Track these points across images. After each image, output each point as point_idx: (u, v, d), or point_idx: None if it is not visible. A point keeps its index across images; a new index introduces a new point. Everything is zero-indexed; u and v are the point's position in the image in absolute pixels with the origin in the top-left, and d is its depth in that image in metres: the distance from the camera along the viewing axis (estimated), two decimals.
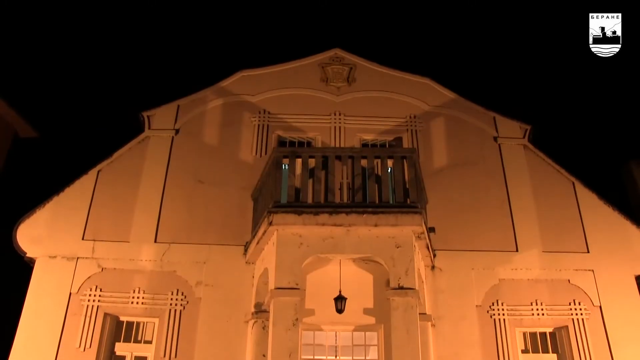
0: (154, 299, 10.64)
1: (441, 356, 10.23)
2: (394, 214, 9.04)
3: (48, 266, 10.86)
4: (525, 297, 10.92)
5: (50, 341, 10.20)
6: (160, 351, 10.28)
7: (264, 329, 9.79)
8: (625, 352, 10.44)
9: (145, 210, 11.38)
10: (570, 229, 11.59)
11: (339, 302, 9.61)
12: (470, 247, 11.15)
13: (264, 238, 9.56)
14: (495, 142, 12.54)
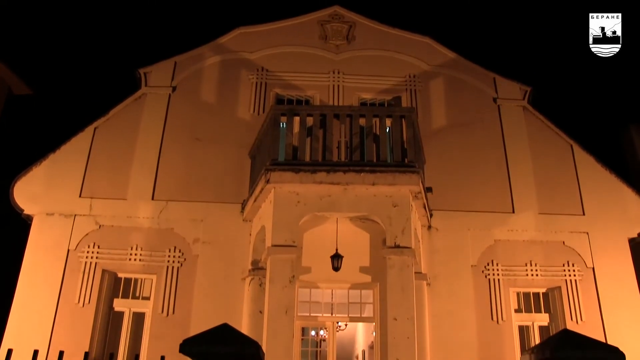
0: (152, 256, 10.70)
1: (436, 314, 10.36)
2: (391, 173, 9.03)
3: (46, 223, 10.87)
4: (520, 258, 11.02)
5: (49, 297, 10.28)
6: (158, 307, 10.38)
7: (260, 286, 9.88)
8: (615, 313, 10.60)
9: (142, 168, 11.35)
10: (566, 191, 11.63)
11: (336, 260, 9.67)
12: (467, 208, 11.20)
13: (261, 196, 9.56)
14: (495, 104, 12.47)
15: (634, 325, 10.44)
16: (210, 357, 4.00)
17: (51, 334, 9.95)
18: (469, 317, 10.47)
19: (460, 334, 10.29)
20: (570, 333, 4.54)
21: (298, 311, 9.87)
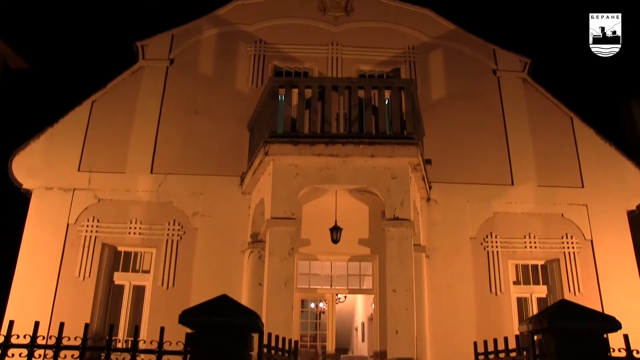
0: (151, 230, 10.72)
1: (434, 286, 10.42)
2: (390, 144, 9.00)
3: (45, 197, 10.87)
4: (519, 230, 11.04)
5: (50, 271, 10.32)
6: (158, 280, 10.43)
7: (260, 258, 9.92)
8: (612, 285, 10.66)
9: (140, 141, 11.31)
10: (566, 163, 11.61)
11: (335, 233, 9.69)
12: (466, 180, 11.19)
13: (260, 168, 9.54)
14: (494, 75, 12.38)
15: (631, 296, 10.50)
16: (209, 328, 4.01)
17: (52, 307, 10.00)
18: (467, 289, 10.52)
19: (459, 305, 10.36)
20: (568, 303, 4.55)
21: (297, 283, 9.91)
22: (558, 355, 4.15)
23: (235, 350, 3.96)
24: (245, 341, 3.99)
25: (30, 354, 4.09)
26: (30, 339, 4.12)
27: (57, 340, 4.15)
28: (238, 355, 3.95)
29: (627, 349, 4.31)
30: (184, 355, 3.98)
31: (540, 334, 4.44)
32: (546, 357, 4.32)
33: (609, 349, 4.22)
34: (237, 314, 4.10)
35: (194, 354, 3.93)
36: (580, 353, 4.15)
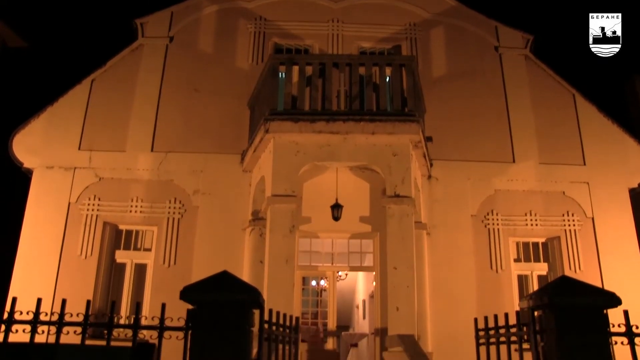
0: (152, 208, 10.73)
1: (435, 263, 10.44)
2: (391, 122, 8.97)
3: (46, 176, 10.88)
4: (520, 207, 11.04)
5: (52, 250, 10.36)
6: (159, 258, 10.47)
7: (261, 236, 9.93)
8: (613, 262, 10.68)
9: (141, 120, 11.28)
10: (568, 141, 11.56)
11: (336, 210, 9.69)
12: (467, 158, 11.16)
13: (260, 146, 9.52)
14: (496, 52, 12.28)
15: (631, 273, 10.52)
16: (210, 304, 4.03)
17: (55, 285, 10.05)
18: (468, 267, 10.55)
19: (460, 282, 10.39)
20: (568, 279, 4.55)
21: (298, 261, 9.95)
22: (558, 331, 4.16)
23: (236, 326, 3.97)
24: (246, 317, 4.01)
25: (33, 330, 4.10)
26: (33, 316, 4.13)
27: (59, 317, 4.17)
28: (239, 331, 3.97)
29: (627, 324, 4.32)
30: (185, 331, 4.00)
31: (541, 309, 4.45)
32: (546, 333, 4.33)
33: (609, 325, 4.24)
34: (238, 290, 4.11)
35: (195, 329, 3.95)
36: (580, 328, 4.16)
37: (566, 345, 4.06)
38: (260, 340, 4.48)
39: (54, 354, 3.38)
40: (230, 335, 3.94)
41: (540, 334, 4.39)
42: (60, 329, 4.14)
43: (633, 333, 4.28)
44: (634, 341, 4.27)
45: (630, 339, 4.27)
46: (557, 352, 4.10)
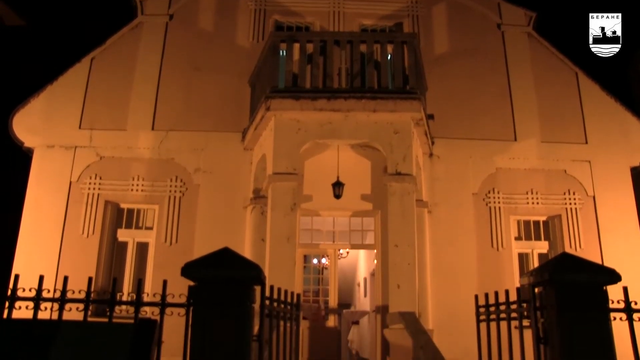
0: (153, 186, 10.74)
1: (436, 241, 10.47)
2: (392, 99, 8.93)
3: (46, 156, 10.88)
4: (521, 186, 11.04)
5: (54, 229, 10.40)
6: (161, 236, 10.50)
7: (262, 214, 9.95)
8: (613, 241, 10.71)
9: (141, 98, 11.24)
10: (570, 119, 11.52)
11: (337, 188, 9.68)
12: (469, 136, 11.13)
13: (261, 124, 9.49)
14: (499, 30, 12.17)
15: (631, 251, 10.55)
16: (211, 280, 4.04)
17: (58, 264, 10.08)
18: (469, 245, 10.58)
19: (461, 260, 10.43)
20: (569, 256, 4.56)
21: (300, 239, 9.96)
22: (558, 307, 4.17)
23: (237, 302, 3.99)
24: (247, 293, 4.02)
25: (36, 306, 4.12)
26: (36, 292, 4.15)
27: (61, 294, 4.18)
28: (240, 307, 3.99)
29: (626, 300, 4.34)
30: (187, 308, 4.01)
31: (541, 286, 4.46)
32: (546, 309, 4.35)
33: (608, 301, 4.25)
34: (239, 266, 4.12)
35: (196, 306, 3.97)
36: (580, 305, 4.18)
37: (566, 321, 4.09)
38: (262, 316, 4.50)
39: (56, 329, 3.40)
40: (231, 312, 3.96)
41: (541, 310, 4.41)
42: (62, 305, 4.15)
43: (632, 309, 4.30)
44: (632, 317, 4.30)
45: (628, 315, 4.29)
46: (557, 328, 4.12)
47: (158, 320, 3.90)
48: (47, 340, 3.29)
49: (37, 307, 4.14)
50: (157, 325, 3.63)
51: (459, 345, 7.66)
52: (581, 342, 4.03)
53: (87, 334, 3.49)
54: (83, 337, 3.40)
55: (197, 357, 3.83)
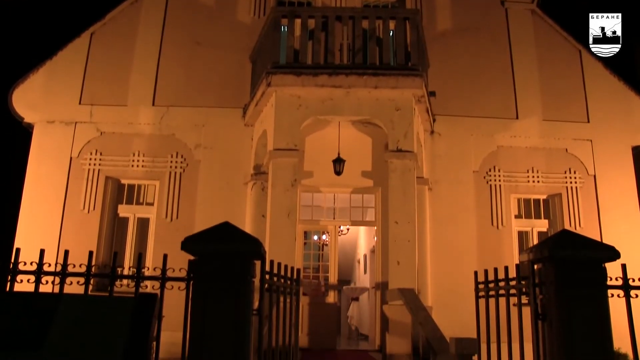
0: (154, 162, 10.74)
1: (437, 219, 10.49)
2: (394, 76, 8.88)
3: (47, 131, 10.86)
4: (522, 164, 11.02)
5: (55, 205, 10.42)
6: (162, 212, 10.52)
7: (263, 190, 9.96)
8: (613, 220, 10.73)
9: (141, 73, 11.17)
10: (572, 98, 11.46)
11: (338, 165, 9.69)
12: (470, 113, 11.08)
13: (262, 100, 9.46)
14: (502, 7, 12.02)
15: (630, 230, 10.58)
16: (211, 254, 4.05)
17: (59, 240, 10.11)
18: (469, 222, 10.60)
19: (461, 238, 10.46)
20: (569, 233, 4.56)
21: (300, 215, 10.01)
22: (557, 283, 4.19)
23: (237, 276, 4.00)
24: (247, 267, 4.03)
25: (37, 280, 4.14)
26: (37, 266, 4.17)
27: (62, 267, 4.20)
28: (240, 282, 4.00)
29: (624, 277, 4.36)
30: (187, 282, 4.03)
31: (541, 262, 4.48)
32: (545, 285, 4.36)
33: (607, 278, 4.27)
34: (239, 241, 4.13)
35: (196, 280, 3.98)
36: (579, 281, 4.20)
37: (565, 298, 4.11)
38: (262, 291, 4.52)
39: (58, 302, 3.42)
40: (231, 286, 3.97)
41: (539, 286, 4.43)
42: (63, 279, 4.18)
43: (629, 286, 4.33)
44: (630, 294, 4.32)
45: (626, 292, 4.32)
46: (556, 304, 4.14)
47: (158, 294, 3.92)
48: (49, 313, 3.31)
49: (38, 281, 4.17)
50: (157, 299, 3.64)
51: (458, 322, 7.70)
52: (579, 318, 4.05)
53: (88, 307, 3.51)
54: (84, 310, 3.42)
55: (197, 330, 3.86)
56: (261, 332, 4.43)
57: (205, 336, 3.83)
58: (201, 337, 3.83)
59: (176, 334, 3.96)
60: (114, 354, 3.06)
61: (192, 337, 3.85)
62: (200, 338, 3.83)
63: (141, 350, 3.12)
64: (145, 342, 3.18)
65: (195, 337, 3.85)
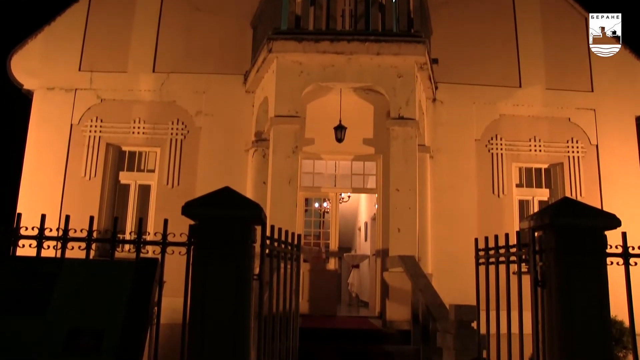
0: (155, 129, 10.70)
1: (438, 187, 10.50)
2: (397, 42, 8.80)
3: (47, 98, 10.81)
4: (524, 133, 10.98)
5: (56, 171, 10.44)
6: (163, 179, 10.53)
7: (264, 157, 9.95)
8: (613, 189, 10.75)
9: (141, 40, 11.07)
10: (576, 66, 11.35)
11: (339, 132, 9.65)
12: (473, 81, 11.00)
13: (263, 66, 9.40)
14: None
15: (631, 200, 10.58)
16: (211, 219, 4.03)
17: (61, 207, 10.16)
18: (470, 190, 10.61)
19: (461, 206, 10.48)
20: (570, 201, 4.54)
21: (301, 182, 10.01)
22: (557, 251, 4.18)
23: (238, 241, 4.00)
24: (247, 232, 4.02)
25: (39, 245, 4.14)
26: (39, 231, 4.16)
27: (63, 232, 4.20)
28: (241, 246, 4.00)
29: (624, 245, 4.36)
30: (188, 247, 4.03)
31: (541, 230, 4.46)
32: (545, 253, 4.36)
33: (607, 245, 4.27)
34: (240, 206, 4.12)
35: (197, 244, 3.98)
36: (579, 248, 4.19)
37: (564, 265, 4.10)
38: (262, 255, 4.53)
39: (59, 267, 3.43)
40: (232, 250, 3.97)
41: (540, 253, 4.43)
42: (65, 244, 4.18)
43: (629, 254, 4.32)
44: (629, 261, 4.32)
45: (625, 260, 4.32)
46: (555, 271, 4.14)
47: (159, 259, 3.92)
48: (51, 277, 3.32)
49: (40, 246, 4.17)
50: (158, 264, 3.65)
51: (458, 289, 7.74)
52: (578, 285, 4.06)
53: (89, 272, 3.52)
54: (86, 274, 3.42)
55: (197, 295, 3.87)
56: (262, 297, 4.45)
57: (206, 300, 3.85)
58: (202, 302, 3.84)
59: (178, 300, 3.98)
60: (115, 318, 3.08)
61: (192, 302, 3.86)
62: (200, 302, 3.85)
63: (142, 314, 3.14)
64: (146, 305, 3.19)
65: (195, 301, 3.86)
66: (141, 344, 3.04)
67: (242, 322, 3.86)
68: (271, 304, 4.91)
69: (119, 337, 2.95)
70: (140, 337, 3.03)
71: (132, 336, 2.99)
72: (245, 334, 3.82)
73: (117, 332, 2.97)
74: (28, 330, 2.99)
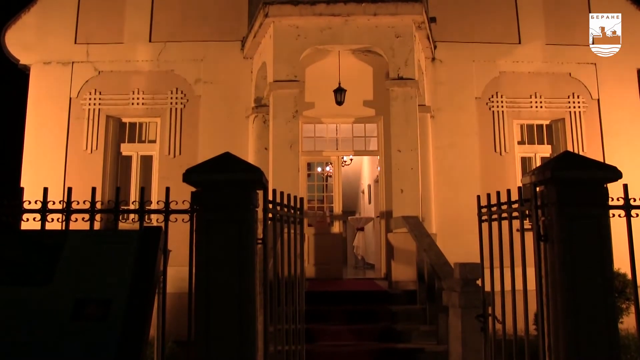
0: (154, 99, 10.67)
1: (439, 146, 10.49)
2: (393, 2, 8.73)
3: (44, 72, 10.77)
4: (525, 89, 10.92)
5: (57, 145, 10.45)
6: (164, 149, 10.54)
7: (264, 123, 9.93)
8: (615, 143, 10.73)
9: (137, 8, 10.96)
10: (576, 20, 11.16)
11: (339, 94, 9.60)
12: (472, 39, 10.89)
13: (260, 31, 9.32)
14: None
15: (634, 155, 10.56)
16: (213, 185, 4.03)
17: (64, 181, 10.20)
18: (472, 149, 10.60)
19: (464, 165, 10.49)
20: (571, 154, 4.53)
21: (303, 147, 9.99)
22: (559, 204, 4.18)
23: (240, 206, 4.00)
24: (250, 196, 4.03)
25: (43, 218, 4.16)
26: (42, 204, 4.18)
27: (67, 204, 4.20)
28: (243, 211, 4.01)
29: (625, 197, 4.35)
30: (191, 214, 4.04)
31: (543, 184, 4.46)
32: (547, 207, 4.36)
33: (608, 198, 4.26)
34: (241, 170, 4.11)
35: (199, 211, 3.99)
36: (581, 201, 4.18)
37: (566, 217, 4.11)
38: (265, 219, 4.54)
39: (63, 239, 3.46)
40: (234, 215, 3.99)
41: (542, 208, 4.43)
42: (68, 216, 4.19)
43: (630, 205, 4.31)
44: (631, 213, 4.33)
45: (627, 212, 4.32)
46: (557, 225, 4.15)
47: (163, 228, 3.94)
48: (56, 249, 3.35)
49: (44, 219, 4.19)
50: (162, 232, 3.67)
51: (462, 248, 7.78)
52: (580, 238, 4.07)
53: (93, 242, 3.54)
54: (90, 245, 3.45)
55: (201, 261, 3.90)
56: (266, 262, 4.48)
57: (210, 266, 3.88)
58: (206, 268, 3.87)
59: (185, 269, 4.01)
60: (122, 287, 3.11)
61: (197, 268, 3.89)
62: (205, 268, 3.88)
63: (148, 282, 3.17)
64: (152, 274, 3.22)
65: (200, 267, 3.89)
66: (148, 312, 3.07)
67: (248, 286, 3.89)
68: (276, 268, 4.95)
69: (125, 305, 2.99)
70: (147, 305, 3.07)
71: (139, 304, 3.02)
72: (251, 297, 3.86)
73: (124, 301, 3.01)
74: (36, 301, 3.03)
